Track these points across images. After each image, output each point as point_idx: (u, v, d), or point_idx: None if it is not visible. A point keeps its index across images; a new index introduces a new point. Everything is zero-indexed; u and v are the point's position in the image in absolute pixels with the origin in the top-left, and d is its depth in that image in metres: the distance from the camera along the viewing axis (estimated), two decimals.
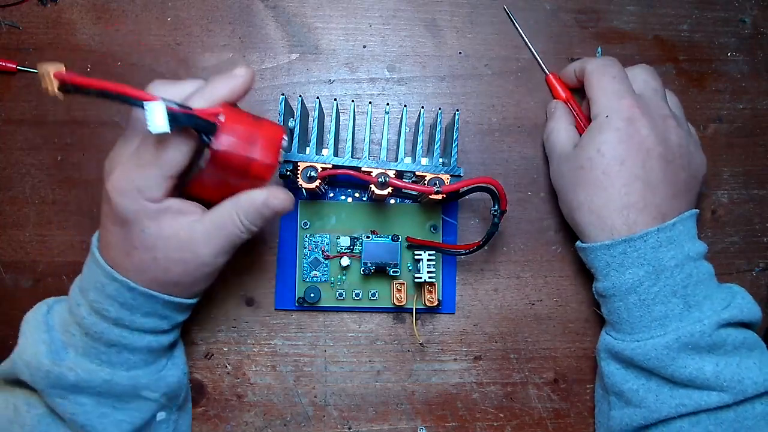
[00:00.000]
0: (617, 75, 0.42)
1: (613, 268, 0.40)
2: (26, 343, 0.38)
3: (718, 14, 0.51)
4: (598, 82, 0.43)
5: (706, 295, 0.39)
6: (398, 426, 0.47)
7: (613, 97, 0.41)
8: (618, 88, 0.42)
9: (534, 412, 0.48)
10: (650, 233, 0.39)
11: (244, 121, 0.36)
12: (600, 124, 0.41)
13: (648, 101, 0.42)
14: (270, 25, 0.49)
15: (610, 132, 0.40)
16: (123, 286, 0.36)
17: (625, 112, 0.41)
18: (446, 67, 0.50)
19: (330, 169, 0.42)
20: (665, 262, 0.38)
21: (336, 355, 0.47)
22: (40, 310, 0.39)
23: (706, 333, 0.38)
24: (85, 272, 0.38)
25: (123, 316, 0.37)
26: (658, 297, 0.39)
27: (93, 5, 0.49)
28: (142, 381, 0.39)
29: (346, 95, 0.49)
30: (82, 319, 0.37)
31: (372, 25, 0.50)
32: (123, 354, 0.38)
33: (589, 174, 0.41)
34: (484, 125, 0.49)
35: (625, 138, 0.40)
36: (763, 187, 0.50)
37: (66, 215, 0.47)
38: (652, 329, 0.39)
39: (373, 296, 0.46)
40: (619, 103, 0.41)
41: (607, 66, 0.43)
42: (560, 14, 0.51)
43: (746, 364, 0.38)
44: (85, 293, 0.37)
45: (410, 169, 0.42)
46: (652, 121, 0.41)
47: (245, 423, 0.46)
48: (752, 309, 0.40)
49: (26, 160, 0.47)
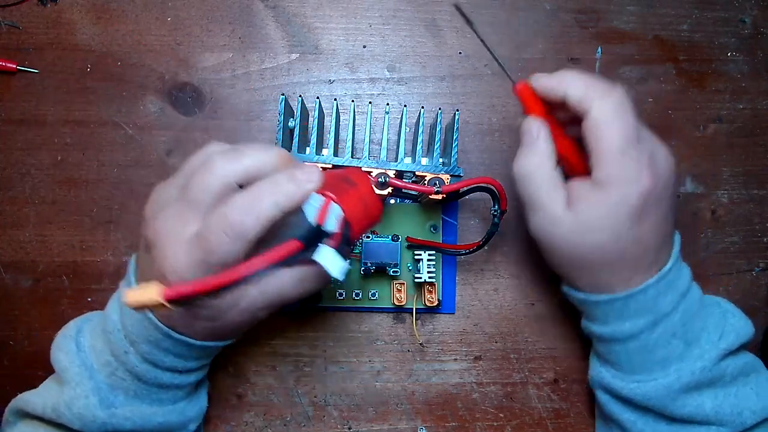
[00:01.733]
0: (632, 130, 0.35)
1: (611, 318, 0.38)
2: (74, 395, 0.36)
3: (718, 14, 0.51)
4: (611, 139, 0.34)
5: (702, 327, 0.38)
6: (398, 426, 0.47)
7: (631, 165, 0.34)
8: (636, 155, 0.35)
9: (534, 412, 0.48)
10: (650, 285, 0.36)
11: (349, 195, 0.33)
12: (611, 199, 0.35)
13: (642, 143, 0.36)
14: (270, 25, 0.49)
15: (622, 215, 0.35)
16: (181, 343, 0.35)
17: (645, 188, 0.35)
18: (446, 67, 0.50)
19: (330, 169, 0.42)
20: (664, 309, 0.37)
21: (336, 355, 0.47)
22: (70, 349, 0.37)
23: (707, 368, 0.37)
24: (132, 322, 0.35)
25: (177, 364, 0.37)
26: (659, 342, 0.37)
27: (93, 5, 0.49)
28: (189, 414, 0.40)
29: (346, 95, 0.49)
30: (133, 367, 0.36)
31: (372, 25, 0.50)
32: (172, 391, 0.38)
33: (589, 254, 0.37)
34: (484, 125, 0.49)
35: (635, 215, 0.35)
36: (763, 187, 0.50)
37: (66, 215, 0.47)
38: (654, 371, 0.38)
39: (373, 296, 0.46)
40: (639, 176, 0.35)
41: (620, 115, 0.35)
42: (560, 14, 0.51)
43: (744, 392, 0.38)
44: (136, 345, 0.35)
45: (410, 169, 0.42)
46: (655, 178, 0.35)
47: (245, 423, 0.46)
48: (745, 327, 0.39)
49: (26, 160, 0.47)
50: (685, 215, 0.50)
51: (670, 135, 0.50)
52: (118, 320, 0.36)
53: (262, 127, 0.49)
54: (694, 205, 0.50)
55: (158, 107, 0.48)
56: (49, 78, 0.48)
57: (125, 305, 0.28)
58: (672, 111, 0.51)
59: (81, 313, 0.46)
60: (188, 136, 0.48)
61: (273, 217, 0.30)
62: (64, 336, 0.38)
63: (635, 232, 0.35)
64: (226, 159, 0.32)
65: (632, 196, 0.34)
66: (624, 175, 0.34)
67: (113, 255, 0.47)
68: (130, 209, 0.47)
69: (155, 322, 0.34)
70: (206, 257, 0.30)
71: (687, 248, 0.49)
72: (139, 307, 0.28)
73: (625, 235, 0.35)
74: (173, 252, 0.31)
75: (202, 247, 0.30)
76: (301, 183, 0.31)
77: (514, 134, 0.49)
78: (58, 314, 0.46)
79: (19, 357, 0.46)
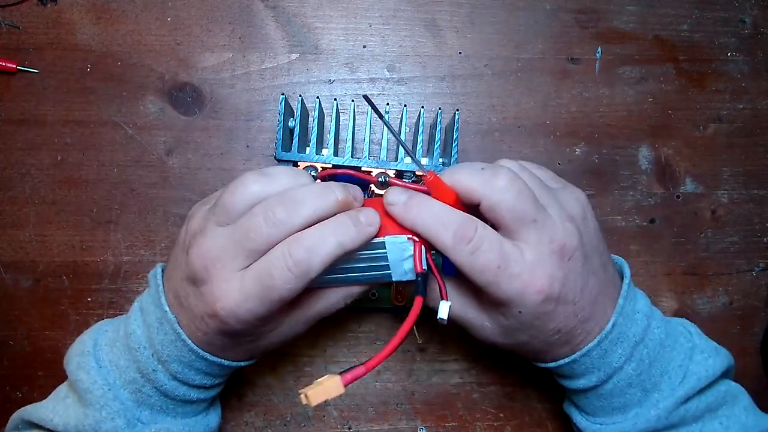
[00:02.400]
0: (527, 210, 0.33)
1: (564, 376, 0.38)
2: (99, 418, 0.35)
3: (718, 14, 0.51)
4: (508, 218, 0.32)
5: (663, 371, 0.36)
6: (398, 426, 0.47)
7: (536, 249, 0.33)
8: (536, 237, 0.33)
9: (534, 412, 0.48)
10: (592, 349, 0.35)
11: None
12: (524, 304, 0.33)
13: (554, 215, 0.33)
14: (270, 25, 0.49)
15: (541, 312, 0.33)
16: (215, 363, 0.36)
17: (538, 300, 0.33)
18: (446, 67, 0.50)
19: (330, 168, 0.42)
20: (615, 363, 0.36)
21: (336, 355, 0.47)
22: (90, 368, 0.36)
23: (662, 417, 0.36)
24: (161, 340, 0.35)
25: (206, 381, 0.37)
26: (614, 392, 0.37)
27: (93, 5, 0.49)
28: (211, 425, 0.40)
29: (346, 95, 0.49)
30: (161, 385, 0.36)
31: (372, 25, 0.50)
32: (196, 404, 0.38)
33: (521, 347, 0.37)
34: (484, 125, 0.49)
35: (549, 308, 0.33)
36: (763, 187, 0.50)
37: (66, 215, 0.47)
38: (614, 416, 0.38)
39: (373, 296, 0.46)
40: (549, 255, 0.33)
41: (511, 197, 0.32)
42: (560, 14, 0.51)
43: (711, 427, 0.37)
44: (166, 364, 0.35)
45: (410, 169, 0.42)
46: (568, 268, 0.33)
47: (245, 423, 0.46)
48: (713, 367, 0.37)
49: (26, 160, 0.47)
50: (685, 215, 0.50)
51: (670, 135, 0.50)
52: (143, 336, 0.36)
53: (262, 127, 0.49)
54: (694, 205, 0.50)
55: (158, 107, 0.48)
56: (49, 78, 0.48)
57: (306, 406, 0.28)
58: (672, 111, 0.51)
59: (81, 312, 0.46)
60: (188, 136, 0.48)
61: (336, 256, 0.32)
62: (82, 353, 0.37)
63: (564, 310, 0.34)
64: (286, 210, 0.31)
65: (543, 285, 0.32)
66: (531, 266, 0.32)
67: (113, 255, 0.47)
68: (130, 209, 0.47)
69: (191, 347, 0.34)
70: (266, 293, 0.31)
71: (687, 248, 0.50)
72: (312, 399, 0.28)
73: (555, 320, 0.34)
74: (227, 289, 0.32)
75: (262, 284, 0.31)
76: (363, 227, 0.32)
77: (515, 134, 0.49)
78: (58, 314, 0.46)
79: (19, 357, 0.46)
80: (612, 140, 0.50)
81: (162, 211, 0.47)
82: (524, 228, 0.32)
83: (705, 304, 0.49)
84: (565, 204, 0.34)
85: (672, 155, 0.50)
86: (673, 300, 0.49)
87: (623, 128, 0.50)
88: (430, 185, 0.34)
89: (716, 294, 0.50)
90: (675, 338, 0.38)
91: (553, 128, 0.50)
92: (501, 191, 0.32)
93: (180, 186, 0.48)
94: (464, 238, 0.32)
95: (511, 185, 0.32)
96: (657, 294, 0.49)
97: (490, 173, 0.33)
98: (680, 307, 0.49)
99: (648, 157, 0.50)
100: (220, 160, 0.48)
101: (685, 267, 0.50)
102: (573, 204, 0.35)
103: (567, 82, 0.50)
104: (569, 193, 0.36)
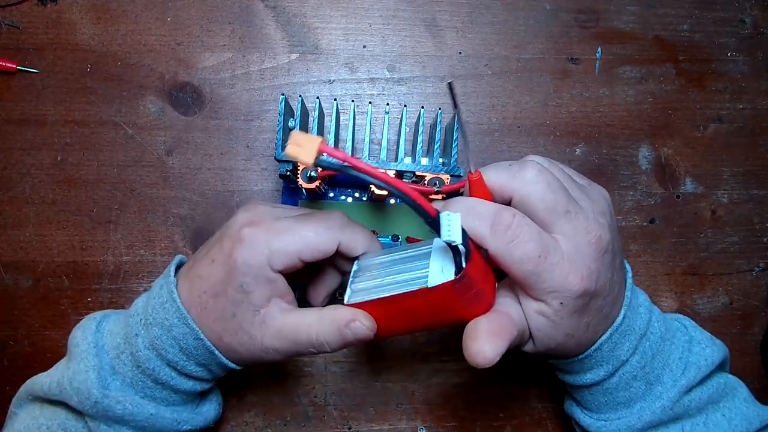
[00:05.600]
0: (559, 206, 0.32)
1: (572, 372, 0.39)
2: (77, 369, 0.36)
3: (718, 14, 0.51)
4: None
5: (664, 364, 0.37)
6: (398, 426, 0.47)
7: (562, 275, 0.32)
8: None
9: (534, 412, 0.48)
10: (603, 342, 0.35)
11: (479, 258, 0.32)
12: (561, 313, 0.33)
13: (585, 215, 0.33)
14: (270, 25, 0.49)
15: (562, 328, 0.33)
16: (192, 335, 0.35)
17: (580, 290, 0.32)
18: (446, 67, 0.50)
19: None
20: (622, 356, 0.36)
21: (336, 355, 0.47)
22: (88, 328, 0.38)
23: (667, 408, 0.37)
24: (154, 304, 0.36)
25: (178, 360, 0.36)
26: (620, 386, 0.37)
27: (93, 5, 0.49)
28: (183, 416, 0.39)
29: (346, 95, 0.49)
30: (137, 351, 0.36)
31: (372, 25, 0.50)
32: (166, 391, 0.38)
33: (548, 352, 0.36)
34: (484, 125, 0.49)
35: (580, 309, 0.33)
36: (763, 187, 0.50)
37: (66, 215, 0.47)
38: (618, 410, 0.38)
39: None
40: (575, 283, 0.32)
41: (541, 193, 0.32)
42: (560, 14, 0.51)
43: (714, 419, 0.37)
44: (149, 327, 0.36)
45: (410, 169, 0.42)
46: (601, 261, 0.33)
47: (245, 423, 0.46)
48: (711, 356, 0.38)
49: (26, 160, 0.47)
50: (685, 215, 0.50)
51: (670, 135, 0.50)
52: (141, 303, 0.38)
53: (262, 127, 0.49)
54: (694, 205, 0.50)
55: (158, 107, 0.48)
56: (49, 78, 0.48)
57: (286, 154, 0.29)
58: (672, 111, 0.51)
59: (81, 313, 0.46)
60: (188, 136, 0.48)
61: None
62: (89, 317, 0.39)
63: (595, 304, 0.34)
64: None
65: (571, 300, 0.32)
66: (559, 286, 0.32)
67: (113, 255, 0.47)
68: (130, 209, 0.47)
69: (178, 305, 0.35)
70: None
71: (687, 248, 0.50)
72: (292, 157, 0.29)
73: (587, 314, 0.33)
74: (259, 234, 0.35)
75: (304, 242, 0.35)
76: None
77: (515, 134, 0.49)
78: (58, 314, 0.46)
79: (19, 357, 0.46)
80: (612, 140, 0.50)
81: (162, 211, 0.47)
82: (558, 219, 0.32)
83: (705, 304, 0.50)
84: (594, 199, 0.35)
85: (672, 155, 0.50)
86: (673, 300, 0.49)
87: (623, 128, 0.50)
88: (473, 183, 0.33)
89: (716, 294, 0.50)
90: (673, 333, 0.38)
91: (553, 128, 0.50)
92: (530, 182, 0.32)
93: (180, 186, 0.48)
94: (502, 226, 0.31)
95: (540, 176, 0.32)
96: (657, 294, 0.49)
97: (518, 167, 0.33)
98: (680, 307, 0.49)
99: (648, 157, 0.50)
100: (220, 160, 0.48)
101: (685, 267, 0.50)
102: (601, 200, 0.35)
103: (567, 82, 0.50)
104: (596, 190, 0.36)
